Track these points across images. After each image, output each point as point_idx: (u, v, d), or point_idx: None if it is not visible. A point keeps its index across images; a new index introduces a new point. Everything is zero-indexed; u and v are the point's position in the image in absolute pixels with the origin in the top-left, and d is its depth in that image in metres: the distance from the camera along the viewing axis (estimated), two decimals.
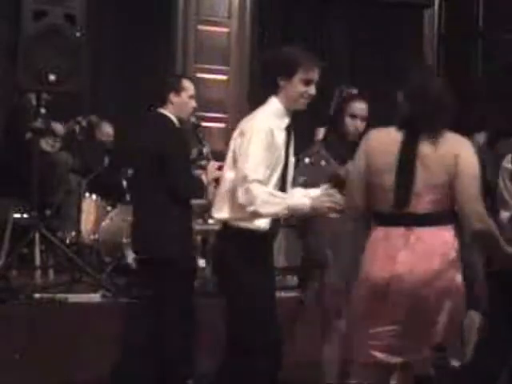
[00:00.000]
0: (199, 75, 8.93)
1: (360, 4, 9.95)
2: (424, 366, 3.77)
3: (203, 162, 5.35)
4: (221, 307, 5.80)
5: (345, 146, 4.76)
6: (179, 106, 5.08)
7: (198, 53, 9.14)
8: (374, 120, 4.80)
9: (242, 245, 4.06)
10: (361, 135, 5.14)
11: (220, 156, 8.97)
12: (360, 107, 4.89)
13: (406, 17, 10.33)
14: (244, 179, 3.90)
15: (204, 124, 6.90)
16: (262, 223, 4.06)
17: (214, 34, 9.17)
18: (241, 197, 3.91)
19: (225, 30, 9.25)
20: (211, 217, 4.97)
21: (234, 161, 4.06)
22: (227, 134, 9.13)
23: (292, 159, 4.25)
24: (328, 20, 10.02)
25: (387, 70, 10.15)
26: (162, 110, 5.09)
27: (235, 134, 4.14)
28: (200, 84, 9.00)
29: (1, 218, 6.52)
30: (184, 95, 5.09)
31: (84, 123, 7.03)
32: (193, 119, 5.31)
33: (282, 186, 4.13)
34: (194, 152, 5.92)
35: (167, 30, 9.12)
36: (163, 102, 5.07)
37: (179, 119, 5.12)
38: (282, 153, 4.09)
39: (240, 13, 9.28)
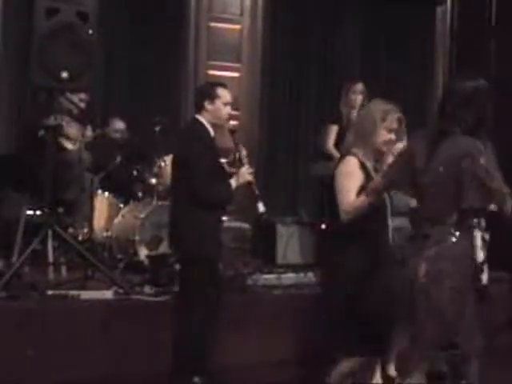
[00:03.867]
0: (211, 72, 8.94)
1: (372, 2, 9.93)
2: None
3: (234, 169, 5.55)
4: (231, 303, 5.86)
5: None
6: (214, 112, 5.28)
7: (210, 50, 9.13)
8: None
9: None
10: None
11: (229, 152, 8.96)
12: None
13: (419, 14, 10.31)
14: None
15: None
16: None
17: (226, 31, 9.17)
18: None
19: (237, 27, 9.24)
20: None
21: None
22: (239, 131, 9.15)
23: None
24: (340, 18, 10.01)
25: (399, 67, 10.15)
26: (197, 116, 5.32)
27: None
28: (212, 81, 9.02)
29: (14, 214, 6.54)
30: (218, 102, 5.29)
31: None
32: (229, 125, 5.52)
33: None
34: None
35: (179, 27, 9.12)
36: (199, 109, 5.31)
37: (214, 125, 5.31)
38: None
39: (252, 10, 9.27)
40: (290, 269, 7.34)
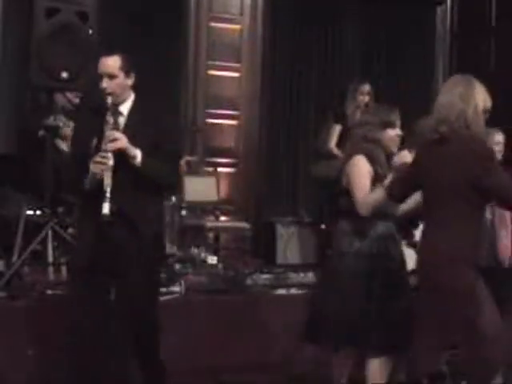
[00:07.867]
0: (211, 72, 8.94)
1: (372, 2, 9.93)
2: None
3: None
4: (231, 303, 5.85)
5: None
6: None
7: (210, 50, 9.14)
8: None
9: None
10: None
11: (231, 153, 9.01)
12: None
13: (419, 14, 10.32)
14: None
15: (216, 121, 6.92)
16: None
17: (226, 31, 9.17)
18: None
19: (237, 27, 9.24)
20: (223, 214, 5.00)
21: None
22: (239, 131, 9.17)
23: None
24: (340, 18, 10.01)
25: (399, 67, 10.15)
26: None
27: None
28: (212, 81, 9.04)
29: (14, 214, 6.54)
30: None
31: None
32: (109, 100, 4.71)
33: None
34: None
35: (179, 27, 9.12)
36: None
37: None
38: None
39: (252, 10, 9.27)
40: (289, 269, 7.35)
